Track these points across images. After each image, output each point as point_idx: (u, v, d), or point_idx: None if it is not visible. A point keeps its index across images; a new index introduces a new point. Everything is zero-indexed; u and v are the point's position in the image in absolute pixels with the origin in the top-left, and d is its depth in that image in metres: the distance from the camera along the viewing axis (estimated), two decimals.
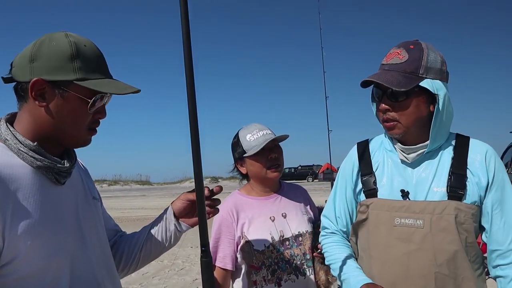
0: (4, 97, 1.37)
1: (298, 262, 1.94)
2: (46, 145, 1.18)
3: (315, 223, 2.05)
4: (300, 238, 1.98)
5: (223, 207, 1.89)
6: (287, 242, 1.95)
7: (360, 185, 1.68)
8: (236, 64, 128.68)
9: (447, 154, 1.56)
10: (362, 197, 1.66)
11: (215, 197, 1.46)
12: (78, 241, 1.22)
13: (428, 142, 1.53)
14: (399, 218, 1.52)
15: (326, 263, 1.75)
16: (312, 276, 1.97)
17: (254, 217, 1.97)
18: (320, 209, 2.15)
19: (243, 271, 1.94)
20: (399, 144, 1.60)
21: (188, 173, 52.21)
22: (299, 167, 49.48)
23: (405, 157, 1.58)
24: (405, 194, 1.54)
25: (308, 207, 2.14)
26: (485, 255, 1.56)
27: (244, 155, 1.98)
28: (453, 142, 1.59)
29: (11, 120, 1.22)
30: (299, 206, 2.08)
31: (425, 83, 1.48)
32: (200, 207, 1.08)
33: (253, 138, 1.96)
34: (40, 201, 1.13)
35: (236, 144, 2.04)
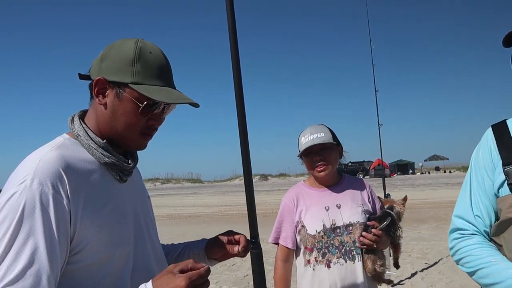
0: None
1: (348, 249, 2.14)
2: (111, 144, 1.25)
3: (371, 216, 2.23)
4: (351, 228, 2.17)
5: (287, 195, 2.34)
6: (338, 230, 2.17)
7: (502, 177, 1.38)
8: (283, 58, 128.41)
9: None
10: (506, 191, 1.37)
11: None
12: (138, 236, 1.29)
13: None
14: None
15: (467, 270, 1.47)
16: (360, 263, 2.14)
17: (311, 206, 2.24)
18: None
19: (301, 250, 2.24)
20: None
21: (238, 171, 52.67)
22: (349, 164, 48.64)
23: None
24: None
25: (367, 199, 2.32)
26: None
27: (298, 155, 2.30)
28: None
29: (82, 116, 1.30)
30: (356, 199, 2.28)
31: None
32: (249, 199, 1.10)
33: (305, 141, 2.22)
34: (106, 196, 1.20)
35: (298, 144, 2.32)
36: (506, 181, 1.36)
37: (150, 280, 1.09)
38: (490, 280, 1.35)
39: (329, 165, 2.21)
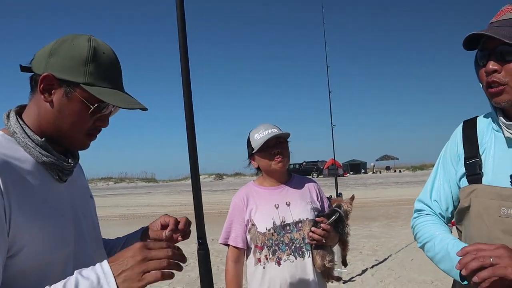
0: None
1: (297, 245, 2.17)
2: (50, 142, 1.19)
3: (320, 213, 2.26)
4: (300, 224, 2.20)
5: (237, 195, 2.34)
6: (288, 227, 2.19)
7: (463, 169, 1.50)
8: (240, 61, 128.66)
9: None
10: (464, 182, 1.48)
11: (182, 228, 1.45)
12: (79, 237, 1.23)
13: None
14: (505, 208, 1.33)
15: (418, 245, 1.62)
16: (310, 259, 2.17)
17: (261, 204, 2.26)
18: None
19: (252, 249, 2.25)
20: (502, 118, 1.39)
21: None
22: (304, 163, 49.44)
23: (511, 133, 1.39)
24: None
25: (316, 198, 2.35)
26: None
27: (253, 152, 2.28)
28: None
29: (20, 112, 1.23)
30: (304, 196, 2.31)
31: None
32: (196, 200, 1.09)
33: (260, 136, 2.24)
34: (43, 196, 1.14)
35: (248, 143, 2.34)
36: (465, 174, 1.48)
37: (105, 260, 1.05)
38: (430, 254, 1.51)
39: (286, 158, 2.26)
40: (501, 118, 1.40)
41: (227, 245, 2.30)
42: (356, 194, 2.56)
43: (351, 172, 54.09)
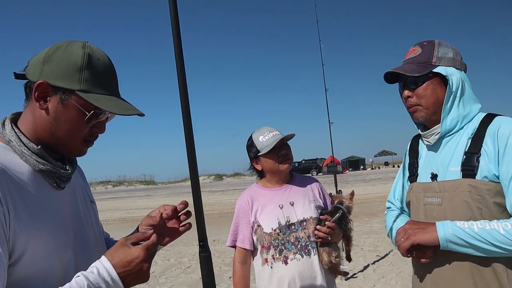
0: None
1: (303, 244, 2.21)
2: (47, 150, 1.19)
3: (323, 211, 2.30)
4: (305, 223, 2.24)
5: (242, 198, 2.39)
6: (293, 227, 2.23)
7: (407, 173, 1.91)
8: (236, 59, 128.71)
9: (466, 135, 1.66)
10: (408, 182, 1.89)
11: (183, 211, 1.46)
12: (79, 244, 1.23)
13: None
14: (426, 198, 1.72)
15: (387, 231, 2.00)
16: (316, 257, 2.22)
17: (265, 205, 2.30)
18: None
19: (258, 250, 2.29)
20: (420, 130, 1.81)
21: None
22: (303, 161, 49.45)
23: (427, 141, 1.77)
24: (433, 176, 1.71)
25: (318, 196, 2.39)
26: None
27: (259, 154, 2.31)
28: (478, 122, 1.64)
29: (15, 119, 1.22)
30: (307, 195, 2.35)
31: (438, 69, 1.68)
32: (196, 202, 1.08)
33: (265, 139, 2.29)
34: (41, 204, 1.13)
35: (250, 145, 2.38)
36: (408, 176, 1.90)
37: (103, 255, 1.08)
38: (391, 240, 1.88)
39: (291, 159, 2.32)
40: (420, 130, 1.82)
41: (234, 246, 2.34)
42: (355, 190, 2.58)
43: (350, 169, 54.15)
